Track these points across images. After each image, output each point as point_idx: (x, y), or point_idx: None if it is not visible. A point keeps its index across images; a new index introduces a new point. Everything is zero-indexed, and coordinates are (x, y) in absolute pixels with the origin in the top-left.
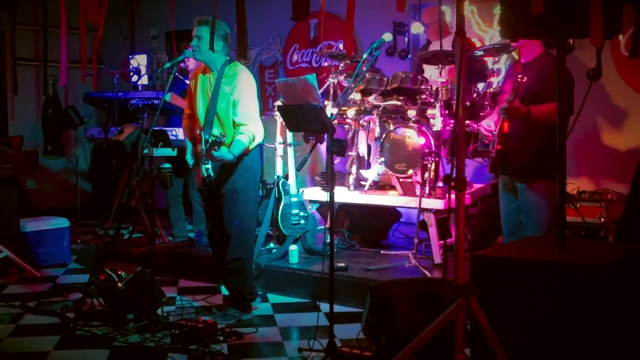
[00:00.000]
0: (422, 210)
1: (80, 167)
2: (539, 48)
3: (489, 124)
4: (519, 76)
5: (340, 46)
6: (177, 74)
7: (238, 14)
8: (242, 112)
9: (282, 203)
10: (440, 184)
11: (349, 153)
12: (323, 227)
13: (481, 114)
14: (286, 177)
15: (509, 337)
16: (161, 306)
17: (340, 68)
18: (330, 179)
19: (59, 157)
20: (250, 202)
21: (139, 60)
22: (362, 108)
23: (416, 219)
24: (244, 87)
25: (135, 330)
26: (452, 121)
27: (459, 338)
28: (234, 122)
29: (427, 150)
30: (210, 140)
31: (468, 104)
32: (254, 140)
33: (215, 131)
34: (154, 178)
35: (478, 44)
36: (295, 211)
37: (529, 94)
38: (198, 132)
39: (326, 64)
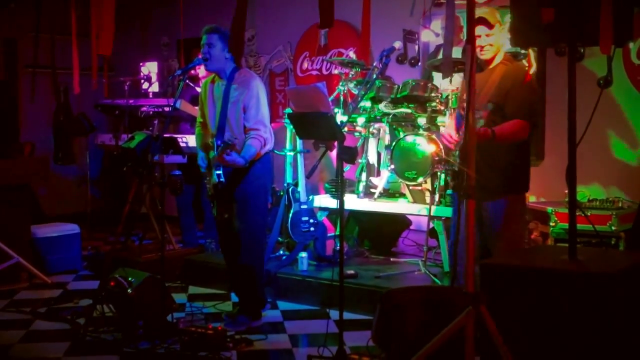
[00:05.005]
0: (432, 217)
1: (91, 174)
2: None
3: (450, 133)
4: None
5: (351, 54)
6: (187, 81)
7: (234, 21)
8: (253, 117)
9: (291, 210)
10: (450, 191)
11: (359, 160)
12: (333, 234)
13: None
14: (296, 184)
15: (519, 346)
16: (171, 312)
17: (351, 76)
18: (340, 187)
19: (70, 164)
20: (261, 209)
21: (150, 68)
22: (372, 115)
23: (426, 226)
24: (254, 93)
25: (145, 337)
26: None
27: (469, 346)
28: (245, 127)
29: (437, 158)
30: (222, 145)
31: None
32: (264, 145)
33: (228, 135)
34: (165, 185)
35: None
36: (305, 218)
37: (494, 107)
38: (210, 140)
39: (336, 71)
